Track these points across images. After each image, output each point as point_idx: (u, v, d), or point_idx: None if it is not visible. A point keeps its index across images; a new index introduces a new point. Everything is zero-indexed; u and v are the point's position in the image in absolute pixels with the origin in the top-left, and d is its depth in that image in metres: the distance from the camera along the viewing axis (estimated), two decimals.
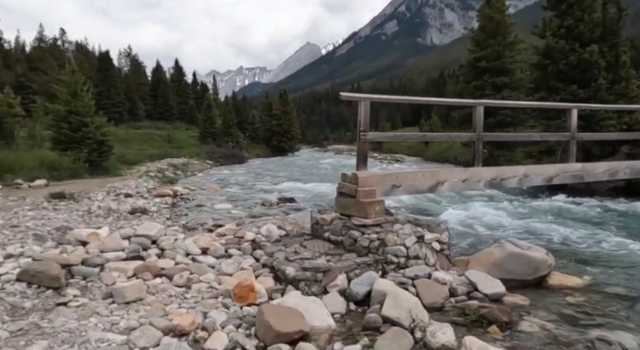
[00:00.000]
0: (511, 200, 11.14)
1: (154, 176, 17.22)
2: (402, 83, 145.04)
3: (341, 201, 5.60)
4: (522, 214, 9.23)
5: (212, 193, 13.45)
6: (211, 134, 42.11)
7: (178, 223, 8.50)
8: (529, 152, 13.80)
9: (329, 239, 5.58)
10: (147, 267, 4.85)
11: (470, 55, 20.61)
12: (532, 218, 8.68)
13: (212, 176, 20.67)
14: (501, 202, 10.83)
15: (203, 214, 9.65)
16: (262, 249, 5.61)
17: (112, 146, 18.97)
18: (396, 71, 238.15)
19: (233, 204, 11.00)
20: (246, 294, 4.17)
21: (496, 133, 7.97)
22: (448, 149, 28.00)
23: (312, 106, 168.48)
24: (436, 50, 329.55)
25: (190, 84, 69.81)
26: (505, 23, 19.79)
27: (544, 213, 9.27)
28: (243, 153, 34.88)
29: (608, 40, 12.65)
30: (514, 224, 8.01)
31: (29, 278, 4.15)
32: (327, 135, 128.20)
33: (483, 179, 6.04)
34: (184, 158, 27.59)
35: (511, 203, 10.83)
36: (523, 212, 9.50)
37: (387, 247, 4.68)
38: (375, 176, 5.45)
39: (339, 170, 22.34)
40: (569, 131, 7.03)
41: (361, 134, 5.61)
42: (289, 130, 50.01)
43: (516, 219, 8.46)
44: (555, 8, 13.40)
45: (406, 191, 5.66)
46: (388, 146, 50.39)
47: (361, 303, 4.19)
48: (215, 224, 8.30)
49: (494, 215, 9.00)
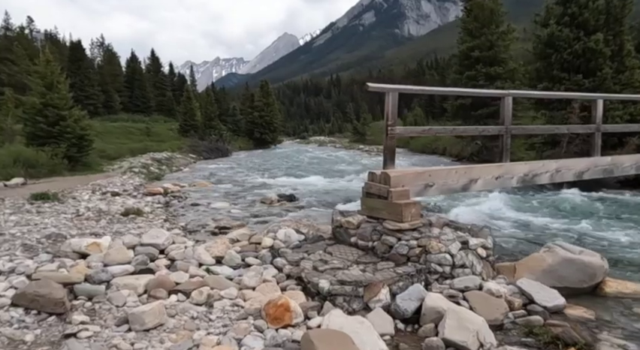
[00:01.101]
0: (519, 194, 10.88)
1: (139, 172, 16.39)
2: (381, 74, 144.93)
3: (369, 203, 5.13)
4: (536, 210, 8.95)
5: (204, 190, 12.80)
6: (192, 126, 40.94)
7: (177, 225, 7.90)
8: (532, 144, 13.58)
9: (356, 244, 5.12)
10: (160, 282, 4.29)
11: (462, 44, 20.31)
12: (549, 214, 8.41)
13: (199, 171, 19.91)
14: (507, 196, 10.56)
15: (201, 214, 9.07)
16: (282, 257, 5.11)
17: (92, 140, 18.03)
18: (375, 62, 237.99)
19: (230, 202, 10.42)
20: (282, 314, 3.67)
21: (523, 125, 7.63)
22: (436, 141, 27.80)
23: (291, 97, 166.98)
24: (414, 41, 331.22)
25: (167, 75, 67.83)
26: (498, 12, 19.55)
27: (558, 208, 9.02)
28: (227, 146, 33.99)
29: (612, 28, 12.47)
30: (532, 221, 7.71)
31: (27, 302, 3.55)
32: (306, 127, 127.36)
33: (516, 176, 5.68)
34: (166, 152, 26.62)
35: (522, 196, 10.56)
36: (537, 207, 9.22)
37: (430, 255, 4.25)
38: (408, 174, 5.00)
39: (328, 164, 22.11)
40: (594, 122, 6.72)
41: (389, 128, 5.13)
42: (271, 122, 49.08)
43: (531, 216, 8.17)
44: None
45: (439, 190, 5.23)
46: (372, 137, 50.21)
47: (409, 320, 3.76)
48: (217, 226, 7.77)
49: (507, 211, 8.70)
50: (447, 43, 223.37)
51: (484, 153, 18.75)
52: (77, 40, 51.51)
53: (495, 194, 10.34)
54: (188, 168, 21.67)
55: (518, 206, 9.28)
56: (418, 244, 4.37)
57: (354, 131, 55.19)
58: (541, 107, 13.12)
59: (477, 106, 19.11)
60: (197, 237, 7.08)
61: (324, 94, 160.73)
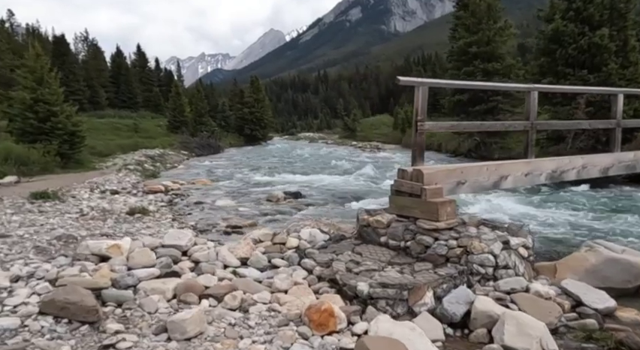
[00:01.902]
0: (523, 191, 10.86)
1: (134, 170, 16.00)
2: (368, 70, 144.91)
3: (399, 201, 4.98)
4: (547, 206, 8.91)
5: (204, 187, 12.52)
6: (181, 123, 40.31)
7: (186, 224, 7.65)
8: (537, 140, 13.53)
9: (386, 244, 4.96)
10: (189, 286, 4.08)
11: (459, 40, 20.26)
12: (566, 210, 8.34)
13: (195, 168, 19.55)
14: (516, 193, 10.52)
15: (208, 213, 8.83)
16: (310, 258, 4.93)
17: (84, 137, 17.54)
18: (362, 58, 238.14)
19: (235, 200, 10.18)
20: (326, 320, 3.50)
21: (547, 121, 7.54)
22: (431, 137, 27.78)
23: (278, 93, 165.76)
24: (400, 37, 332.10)
25: (153, 71, 66.68)
26: (496, 7, 19.54)
27: (571, 204, 8.99)
28: (218, 143, 33.55)
29: (616, 23, 12.50)
30: (551, 218, 7.64)
31: (57, 310, 3.31)
32: (294, 123, 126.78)
33: (544, 172, 5.58)
34: (158, 148, 26.13)
35: (528, 193, 10.53)
36: (549, 204, 9.17)
37: (471, 255, 4.11)
38: (440, 171, 4.86)
39: (324, 160, 21.94)
40: (614, 117, 6.66)
41: (418, 123, 4.99)
42: (262, 118, 48.61)
43: (549, 212, 8.12)
44: None
45: (471, 187, 5.11)
46: (362, 133, 50.20)
47: (457, 325, 3.62)
48: (229, 225, 7.57)
49: (519, 207, 8.64)
50: (433, 40, 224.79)
51: (482, 149, 18.80)
52: (61, 35, 50.28)
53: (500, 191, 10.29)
54: (183, 165, 21.28)
55: (529, 202, 9.24)
56: (458, 244, 4.23)
57: (344, 127, 55.09)
58: (545, 103, 13.12)
59: (475, 102, 19.12)
60: (210, 237, 6.86)
61: (312, 90, 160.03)
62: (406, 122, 40.37)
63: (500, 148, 18.64)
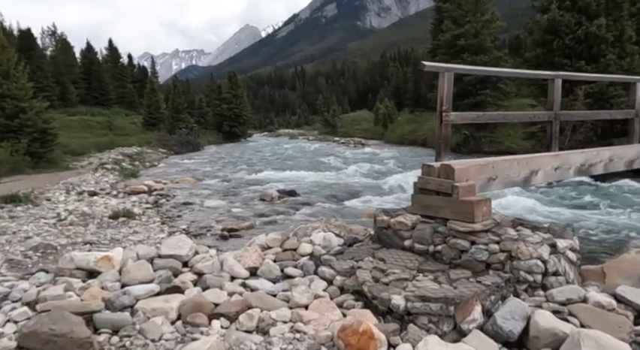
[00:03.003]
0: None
1: (111, 169, 15.10)
2: (345, 66, 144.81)
3: (424, 200, 4.50)
4: (558, 202, 8.59)
5: (189, 187, 11.81)
6: (157, 119, 39.08)
7: (177, 228, 7.02)
8: (533, 133, 13.35)
9: (411, 249, 4.47)
10: (196, 304, 3.50)
11: (446, 33, 19.99)
12: (578, 206, 8.04)
13: (175, 166, 18.70)
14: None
15: (198, 214, 8.18)
16: (328, 266, 4.40)
17: (56, 134, 16.49)
18: (338, 54, 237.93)
19: (226, 200, 9.55)
20: (366, 344, 2.99)
21: (569, 111, 7.22)
22: (414, 132, 27.61)
23: (255, 90, 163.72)
24: (376, 33, 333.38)
25: (127, 66, 64.54)
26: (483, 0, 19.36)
27: (582, 199, 8.70)
28: (197, 140, 32.53)
29: (612, 13, 12.37)
30: (571, 214, 7.32)
31: (41, 345, 2.69)
32: (272, 119, 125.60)
33: (573, 166, 5.19)
34: (135, 146, 25.05)
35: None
36: (557, 199, 8.88)
37: (518, 261, 3.66)
38: (472, 166, 4.41)
39: (310, 156, 21.37)
40: (632, 107, 6.35)
41: (443, 114, 4.52)
42: (241, 114, 47.55)
43: (561, 209, 7.81)
44: None
45: (502, 184, 4.67)
46: (343, 129, 49.79)
47: (513, 345, 3.16)
48: (224, 228, 6.97)
49: (528, 203, 8.30)
50: (408, 36, 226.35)
51: (472, 143, 18.60)
52: (27, 29, 47.95)
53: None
54: (163, 163, 20.36)
55: (537, 197, 8.93)
56: (501, 248, 3.77)
57: (324, 123, 54.57)
58: (542, 95, 12.87)
59: (463, 96, 18.91)
60: (206, 242, 6.26)
61: (289, 86, 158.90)
62: (387, 118, 40.20)
63: (490, 142, 18.49)
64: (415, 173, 12.45)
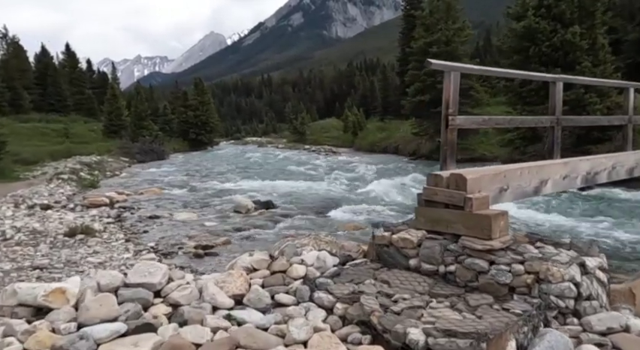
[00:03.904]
0: None
1: (68, 179, 13.95)
2: (312, 74, 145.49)
3: (431, 214, 4.02)
4: (548, 209, 8.34)
5: (156, 198, 10.96)
6: (119, 127, 37.41)
7: (144, 246, 6.26)
8: (510, 140, 13.29)
9: (417, 269, 3.98)
10: (174, 347, 2.85)
11: (419, 40, 19.97)
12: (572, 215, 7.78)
13: (139, 175, 17.62)
14: None
15: (167, 229, 7.44)
16: (325, 291, 3.83)
17: (4, 142, 15.18)
18: (304, 63, 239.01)
19: (197, 213, 8.82)
20: None
21: (571, 116, 6.97)
22: (386, 139, 27.49)
23: (221, 97, 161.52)
24: (342, 43, 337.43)
25: (85, 72, 61.83)
26: (455, 7, 19.45)
27: (569, 207, 8.52)
28: (162, 148, 31.22)
29: (585, 21, 12.54)
30: (566, 225, 7.05)
31: None
32: (238, 127, 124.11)
33: (580, 175, 4.87)
34: (94, 155, 23.64)
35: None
36: (548, 207, 8.64)
37: (547, 284, 3.21)
38: (485, 176, 3.97)
39: (282, 165, 20.72)
40: (626, 113, 6.16)
41: (449, 117, 4.08)
42: (207, 122, 46.32)
43: (560, 218, 7.55)
44: None
45: (514, 194, 4.26)
46: (313, 137, 49.40)
47: None
48: (198, 245, 6.28)
49: (537, 213, 8.00)
50: (374, 46, 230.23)
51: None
52: None
53: None
54: (125, 173, 19.18)
55: (525, 206, 8.67)
56: (526, 269, 3.31)
57: (293, 131, 54.01)
58: (518, 102, 12.89)
59: (436, 103, 18.84)
60: (178, 262, 5.57)
61: (256, 94, 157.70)
62: (357, 126, 40.14)
63: (462, 149, 18.43)
64: (394, 182, 12.08)
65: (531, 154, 11.29)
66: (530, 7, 12.74)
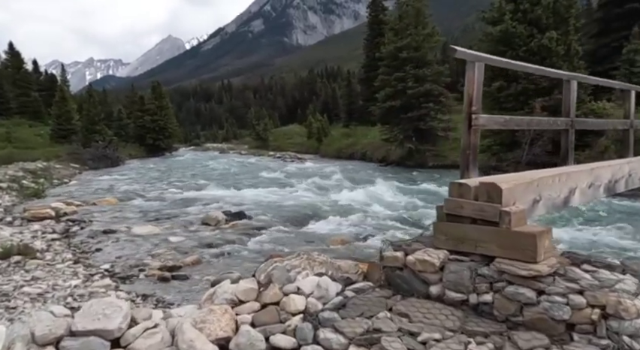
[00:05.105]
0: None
1: (7, 188, 12.43)
2: (273, 81, 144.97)
3: (456, 230, 3.38)
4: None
5: (110, 208, 9.81)
6: (68, 131, 35.03)
7: (96, 268, 5.27)
8: (490, 145, 13.03)
9: (440, 298, 3.32)
10: None
11: (389, 45, 19.70)
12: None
13: (91, 183, 16.15)
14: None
15: (125, 246, 6.43)
16: (330, 327, 3.09)
17: None
18: (266, 69, 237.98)
19: (160, 226, 7.81)
20: None
21: (586, 119, 6.62)
22: (352, 145, 27.03)
23: (180, 102, 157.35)
24: (302, 50, 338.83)
25: (31, 73, 58.01)
26: (424, 13, 19.33)
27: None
28: (117, 154, 29.34)
29: (560, 27, 12.54)
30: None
31: None
32: (198, 133, 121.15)
33: (603, 183, 4.39)
34: (40, 161, 21.69)
35: None
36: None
37: (618, 321, 2.61)
38: (519, 185, 3.37)
39: (248, 172, 19.68)
40: (627, 117, 5.82)
41: (472, 116, 3.48)
42: (166, 127, 44.37)
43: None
44: None
45: (545, 206, 3.69)
46: (276, 143, 48.45)
47: None
48: (164, 266, 5.36)
49: None
50: (334, 54, 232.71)
51: (416, 157, 18.23)
52: None
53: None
54: (76, 180, 17.57)
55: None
56: (589, 302, 2.70)
57: (255, 137, 52.88)
58: (495, 107, 12.67)
59: (407, 108, 18.63)
60: (138, 288, 4.66)
61: (216, 100, 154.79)
62: (321, 132, 39.67)
63: (434, 155, 18.26)
64: (371, 190, 11.42)
65: (510, 161, 11.05)
66: (507, 11, 12.65)
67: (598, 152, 10.29)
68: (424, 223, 8.20)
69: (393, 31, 19.89)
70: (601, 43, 19.32)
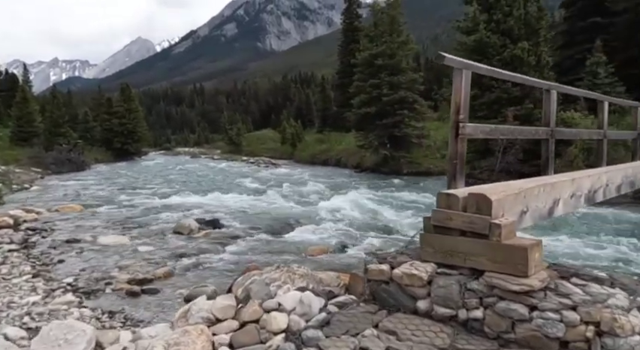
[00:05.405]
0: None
1: None
2: (246, 86, 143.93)
3: (444, 243, 3.28)
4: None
5: (75, 216, 9.32)
6: (29, 134, 33.53)
7: (59, 282, 4.91)
8: None
9: (428, 313, 3.20)
10: None
11: (364, 51, 19.77)
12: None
13: (55, 189, 15.39)
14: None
15: (90, 257, 6.06)
16: (314, 347, 2.91)
17: None
18: (239, 73, 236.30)
19: (128, 235, 7.44)
20: None
21: (564, 129, 6.65)
22: (327, 151, 26.96)
23: (150, 105, 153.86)
24: (276, 56, 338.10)
25: None
26: (398, 21, 19.51)
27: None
28: (82, 158, 28.21)
29: (531, 38, 12.85)
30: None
31: None
32: (168, 137, 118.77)
33: (583, 193, 4.39)
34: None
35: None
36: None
37: (612, 339, 2.55)
38: (509, 196, 3.29)
39: (222, 177, 19.23)
40: (600, 127, 5.91)
41: (459, 124, 3.40)
42: (135, 130, 43.15)
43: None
44: (482, 1, 13.15)
45: (532, 218, 3.63)
46: (249, 148, 47.90)
47: None
48: (132, 278, 5.06)
49: None
50: (308, 60, 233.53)
51: (391, 163, 18.28)
52: None
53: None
54: (37, 186, 16.70)
55: None
56: (582, 318, 2.63)
57: (228, 142, 52.16)
58: (470, 116, 12.74)
59: (382, 115, 18.70)
60: (104, 303, 4.36)
61: (187, 103, 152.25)
62: (295, 137, 39.46)
63: (409, 162, 18.37)
64: (348, 196, 11.30)
65: (483, 169, 11.18)
66: (481, 21, 12.89)
67: (567, 160, 10.57)
68: (402, 231, 8.16)
69: (368, 37, 20.01)
70: (566, 55, 19.99)
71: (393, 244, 7.14)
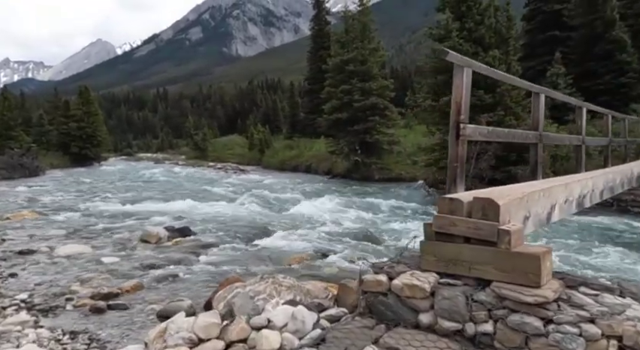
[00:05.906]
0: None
1: None
2: (212, 90, 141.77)
3: (447, 251, 3.06)
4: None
5: (29, 224, 8.60)
6: None
7: (11, 299, 4.38)
8: (437, 159, 13.12)
9: (431, 327, 2.98)
10: None
11: (336, 57, 19.70)
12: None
13: (4, 195, 14.28)
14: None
15: (47, 270, 5.50)
16: None
17: None
18: (204, 78, 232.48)
19: (89, 244, 6.87)
20: None
21: (552, 134, 6.62)
22: (297, 157, 26.65)
23: (109, 109, 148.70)
24: (242, 61, 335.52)
25: None
26: (369, 28, 19.58)
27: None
28: (36, 163, 26.63)
29: (501, 47, 13.09)
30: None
31: None
32: (129, 142, 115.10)
33: (574, 198, 4.31)
34: None
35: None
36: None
37: None
38: (514, 200, 3.11)
39: (188, 184, 18.52)
40: (579, 133, 5.95)
41: (460, 125, 3.22)
42: (94, 134, 41.28)
43: None
44: (454, 10, 13.31)
45: (534, 224, 3.48)
46: (215, 154, 46.94)
47: None
48: (96, 293, 4.59)
49: None
50: (274, 66, 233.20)
51: (362, 170, 18.20)
52: None
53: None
54: None
55: None
56: (603, 332, 2.46)
57: (194, 147, 50.93)
58: (441, 123, 12.85)
59: (353, 121, 18.64)
60: (64, 322, 3.91)
61: (150, 108, 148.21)
62: (263, 143, 38.96)
63: (380, 168, 18.35)
64: (321, 202, 11.03)
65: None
66: (454, 29, 13.06)
67: (533, 167, 10.75)
68: (379, 238, 7.97)
69: (340, 43, 20.00)
70: (526, 66, 20.69)
71: (374, 250, 6.95)
